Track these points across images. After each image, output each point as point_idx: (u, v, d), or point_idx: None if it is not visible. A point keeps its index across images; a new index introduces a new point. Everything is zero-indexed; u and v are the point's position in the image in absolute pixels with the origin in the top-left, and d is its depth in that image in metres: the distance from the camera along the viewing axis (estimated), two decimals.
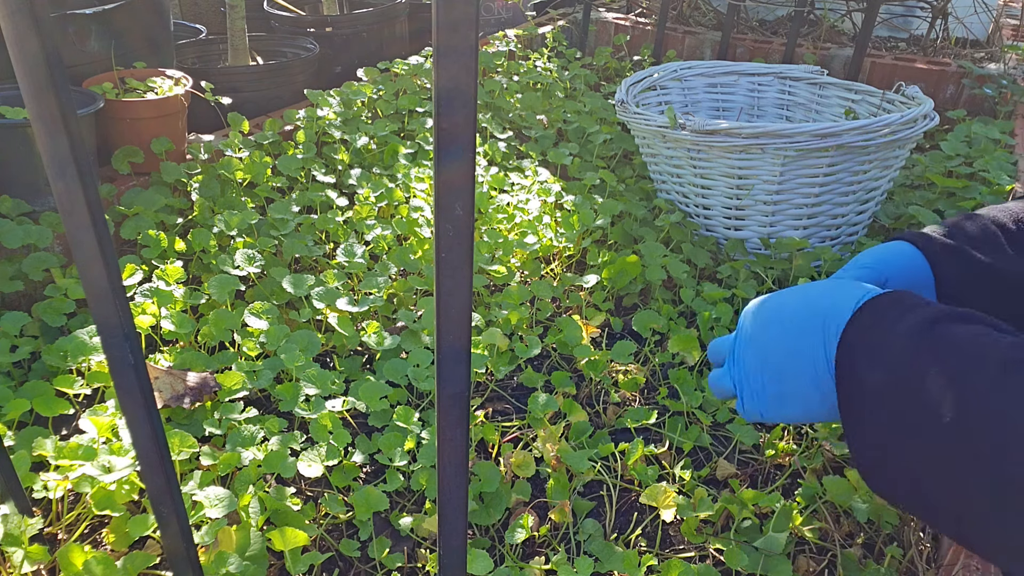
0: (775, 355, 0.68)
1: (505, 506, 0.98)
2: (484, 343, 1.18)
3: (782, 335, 0.68)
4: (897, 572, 0.91)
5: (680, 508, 0.94)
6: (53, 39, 0.44)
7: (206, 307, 1.24)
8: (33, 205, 1.37)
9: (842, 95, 1.80)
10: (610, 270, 1.39)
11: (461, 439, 0.49)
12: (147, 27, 1.74)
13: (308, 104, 1.94)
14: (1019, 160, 1.79)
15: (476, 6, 0.35)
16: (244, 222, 1.39)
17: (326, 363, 1.24)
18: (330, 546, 0.93)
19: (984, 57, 2.57)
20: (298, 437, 1.01)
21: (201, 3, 2.71)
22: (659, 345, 1.32)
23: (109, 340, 0.54)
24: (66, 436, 1.04)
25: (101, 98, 1.46)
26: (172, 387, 1.05)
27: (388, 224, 1.47)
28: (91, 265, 0.51)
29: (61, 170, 0.47)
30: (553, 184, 1.67)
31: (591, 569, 0.87)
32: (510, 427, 1.12)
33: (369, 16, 2.36)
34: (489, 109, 2.07)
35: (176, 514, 0.65)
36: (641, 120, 1.57)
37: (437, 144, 0.39)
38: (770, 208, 1.50)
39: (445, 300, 0.44)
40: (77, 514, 0.93)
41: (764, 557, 0.89)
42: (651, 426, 1.12)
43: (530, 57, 2.43)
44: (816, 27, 2.69)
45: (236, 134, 1.64)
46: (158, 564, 0.87)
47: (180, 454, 0.91)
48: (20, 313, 1.14)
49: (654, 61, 2.61)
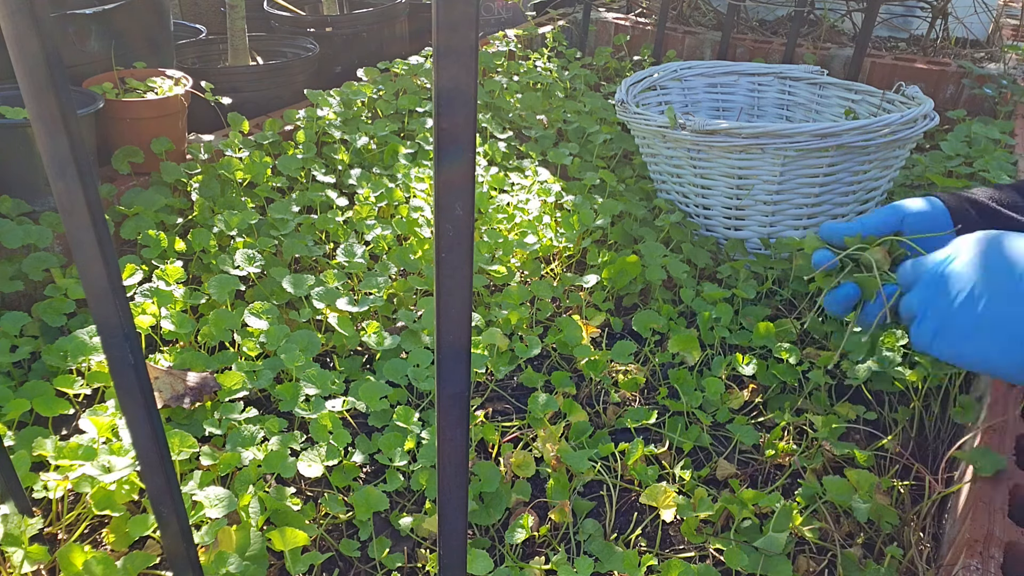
0: (1003, 281, 0.69)
1: (505, 506, 0.98)
2: (484, 343, 1.18)
3: (1016, 262, 0.69)
4: (897, 572, 0.91)
5: (680, 508, 0.94)
6: (53, 39, 0.44)
7: (206, 307, 1.24)
8: (33, 205, 1.37)
9: (842, 95, 1.80)
10: (610, 270, 1.39)
11: (461, 439, 0.49)
12: (147, 27, 1.74)
13: (308, 104, 1.94)
14: (1019, 160, 1.79)
15: (476, 6, 0.35)
16: (244, 222, 1.39)
17: (326, 363, 1.24)
18: (330, 546, 0.93)
19: (984, 57, 2.57)
20: (298, 437, 1.01)
21: (201, 3, 2.71)
22: (659, 345, 1.32)
23: (109, 340, 0.54)
24: (66, 436, 1.04)
25: (101, 98, 1.46)
26: (172, 387, 1.05)
27: (388, 224, 1.47)
28: (91, 265, 0.51)
29: (61, 170, 0.47)
30: (553, 184, 1.67)
31: (591, 569, 0.87)
32: (510, 427, 1.12)
33: (369, 16, 2.36)
34: (489, 109, 2.07)
35: (176, 514, 0.65)
36: (641, 120, 1.57)
37: (437, 144, 0.39)
38: (770, 208, 1.50)
39: (445, 300, 0.44)
40: (77, 514, 0.93)
41: (764, 557, 0.89)
42: (651, 426, 1.12)
43: (530, 57, 2.43)
44: (816, 27, 2.69)
45: (236, 134, 1.64)
46: (158, 564, 0.87)
47: (180, 454, 0.91)
48: (20, 313, 1.14)
49: (654, 61, 2.61)
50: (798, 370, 1.18)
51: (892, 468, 1.06)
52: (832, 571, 0.93)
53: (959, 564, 0.80)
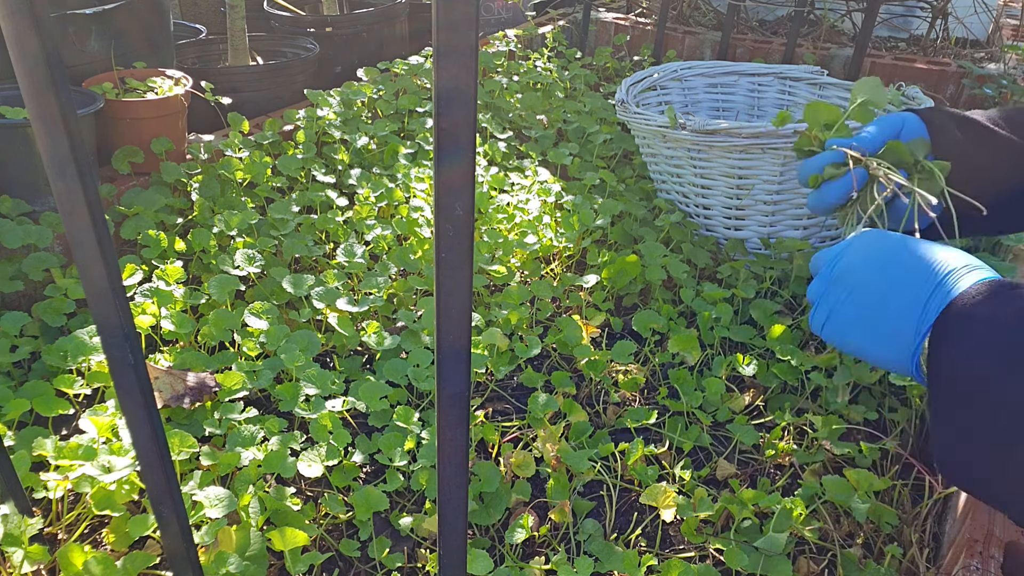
0: (876, 281, 0.73)
1: (505, 506, 0.98)
2: (484, 343, 1.18)
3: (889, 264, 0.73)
4: (897, 572, 0.91)
5: (680, 508, 0.94)
6: (53, 39, 0.44)
7: (206, 307, 1.24)
8: (33, 205, 1.36)
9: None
10: (610, 270, 1.39)
11: (461, 439, 0.49)
12: (147, 27, 1.74)
13: (308, 104, 1.94)
14: None
15: (476, 6, 0.35)
16: (244, 222, 1.39)
17: (326, 363, 1.24)
18: (330, 546, 0.93)
19: (984, 57, 2.57)
20: (298, 437, 1.01)
21: (201, 3, 2.71)
22: (659, 345, 1.32)
23: (109, 340, 0.54)
24: (66, 436, 1.03)
25: (101, 98, 1.46)
26: (172, 387, 1.05)
27: (388, 224, 1.47)
28: (91, 265, 0.51)
29: (61, 170, 0.47)
30: (553, 184, 1.67)
31: (591, 569, 0.87)
32: (510, 427, 1.12)
33: (369, 16, 2.36)
34: (489, 109, 2.07)
35: (176, 514, 0.65)
36: (641, 120, 1.57)
37: (437, 144, 0.39)
38: (770, 208, 1.50)
39: (445, 300, 0.44)
40: (77, 514, 0.93)
41: (764, 557, 0.89)
42: (651, 426, 1.12)
43: (530, 57, 2.43)
44: (816, 27, 2.69)
45: (236, 134, 1.64)
46: (158, 564, 0.87)
47: (180, 454, 0.91)
48: (20, 313, 1.14)
49: (654, 61, 2.61)
50: (800, 370, 1.18)
51: (892, 468, 1.06)
52: (832, 571, 0.93)
53: (959, 564, 0.80)
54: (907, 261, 0.72)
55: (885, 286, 0.72)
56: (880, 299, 0.72)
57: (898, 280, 0.71)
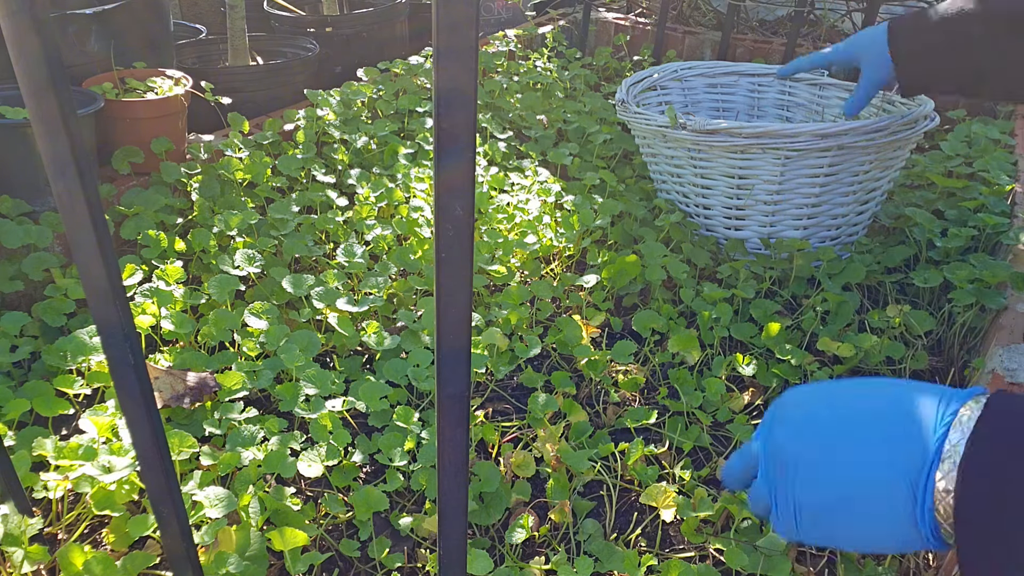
0: (840, 455, 0.54)
1: (505, 506, 0.98)
2: (484, 343, 1.18)
3: (852, 431, 0.55)
4: (897, 572, 0.91)
5: (680, 508, 0.94)
6: (53, 39, 0.44)
7: (206, 307, 1.24)
8: (33, 205, 1.36)
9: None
10: (610, 270, 1.39)
11: (461, 439, 0.49)
12: (147, 27, 1.74)
13: (308, 104, 1.94)
14: (1019, 160, 1.79)
15: (476, 6, 0.35)
16: (244, 222, 1.39)
17: (326, 363, 1.24)
18: (330, 546, 0.93)
19: None
20: (298, 437, 1.01)
21: (201, 3, 2.71)
22: (659, 345, 1.32)
23: (109, 340, 0.54)
24: (66, 436, 1.03)
25: (101, 98, 1.46)
26: (172, 387, 1.05)
27: (388, 224, 1.47)
28: (91, 265, 0.51)
29: (61, 170, 0.47)
30: (553, 184, 1.67)
31: (591, 569, 0.87)
32: (510, 427, 1.12)
33: (369, 16, 2.36)
34: (489, 109, 2.07)
35: (176, 514, 0.65)
36: (641, 120, 1.57)
37: (437, 144, 0.39)
38: (770, 208, 1.50)
39: (445, 300, 0.44)
40: (77, 514, 0.93)
41: (764, 557, 0.89)
42: (651, 426, 1.12)
43: (530, 57, 2.43)
44: (816, 27, 2.69)
45: (236, 134, 1.64)
46: (158, 564, 0.87)
47: (180, 454, 0.91)
48: (20, 313, 1.14)
49: (654, 61, 2.61)
50: (800, 370, 1.18)
51: None
52: (832, 571, 0.93)
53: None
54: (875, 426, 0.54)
55: (847, 445, 0.54)
56: (847, 463, 0.54)
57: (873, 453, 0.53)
